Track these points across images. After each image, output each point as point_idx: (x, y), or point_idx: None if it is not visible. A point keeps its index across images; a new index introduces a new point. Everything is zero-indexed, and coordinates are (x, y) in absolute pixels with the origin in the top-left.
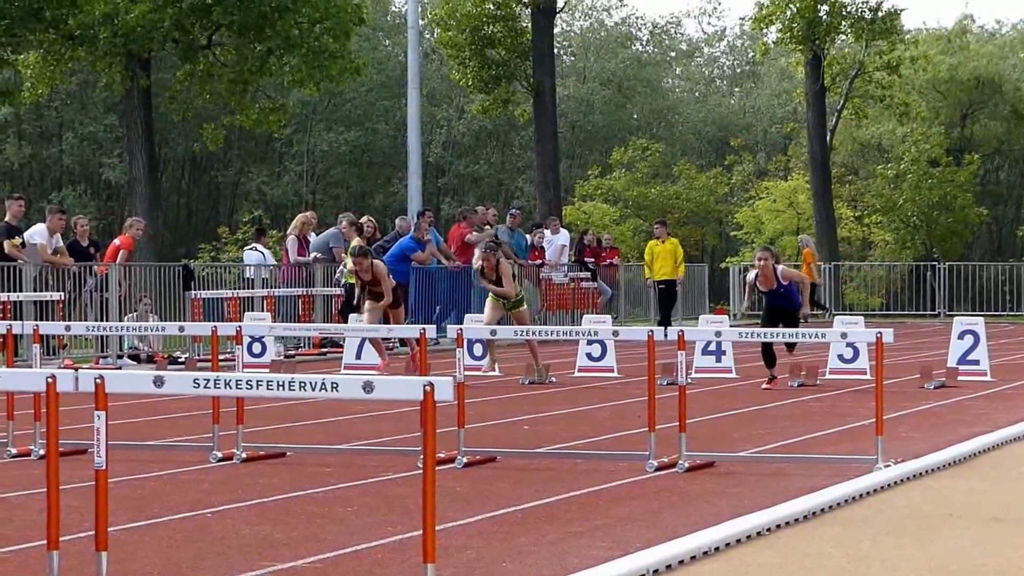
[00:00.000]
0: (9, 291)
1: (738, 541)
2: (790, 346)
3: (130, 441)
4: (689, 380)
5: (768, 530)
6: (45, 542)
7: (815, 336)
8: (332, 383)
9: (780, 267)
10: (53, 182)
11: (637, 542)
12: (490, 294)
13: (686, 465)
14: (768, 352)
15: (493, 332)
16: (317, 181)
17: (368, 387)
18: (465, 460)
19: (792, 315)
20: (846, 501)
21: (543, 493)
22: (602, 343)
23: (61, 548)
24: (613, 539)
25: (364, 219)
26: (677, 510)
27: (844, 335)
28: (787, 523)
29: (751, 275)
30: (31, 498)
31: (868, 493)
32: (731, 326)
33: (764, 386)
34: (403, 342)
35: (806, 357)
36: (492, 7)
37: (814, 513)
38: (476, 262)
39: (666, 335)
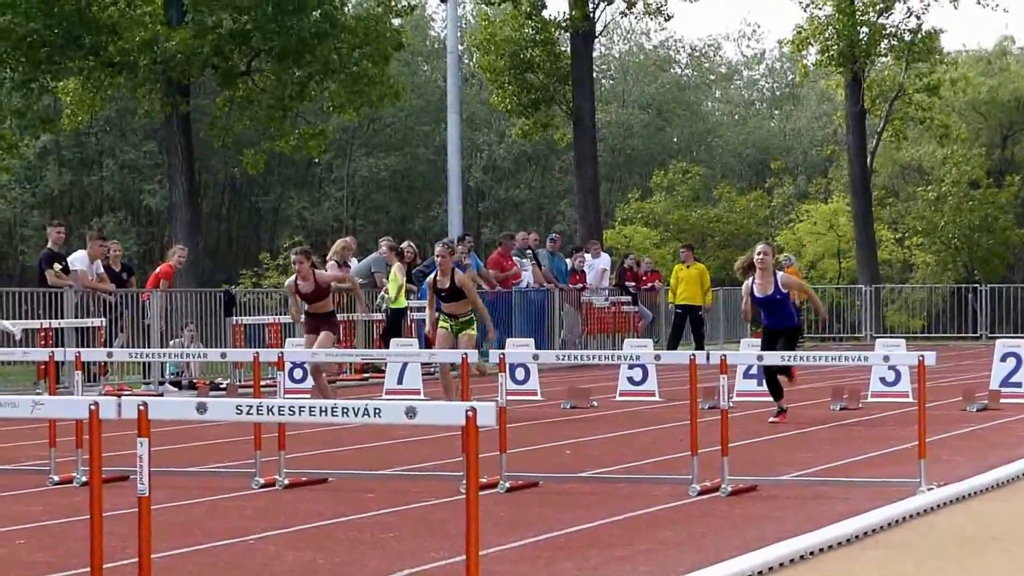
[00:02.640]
0: (51, 318)
1: (781, 565)
2: (786, 371)
3: (172, 468)
4: (731, 404)
5: (811, 554)
6: (88, 569)
7: (857, 359)
8: (375, 408)
9: (780, 273)
10: (94, 209)
11: (680, 567)
12: (440, 322)
13: (729, 489)
14: (773, 381)
15: (535, 356)
16: (357, 206)
17: (411, 412)
18: (508, 485)
19: (792, 336)
20: (889, 524)
21: (586, 517)
22: (643, 367)
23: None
24: (656, 563)
25: (404, 244)
26: (720, 534)
27: (886, 358)
28: (830, 546)
29: (748, 282)
30: (73, 525)
31: (911, 516)
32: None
33: (771, 419)
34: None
35: (848, 380)
36: (531, 31)
37: (857, 536)
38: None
39: (708, 359)
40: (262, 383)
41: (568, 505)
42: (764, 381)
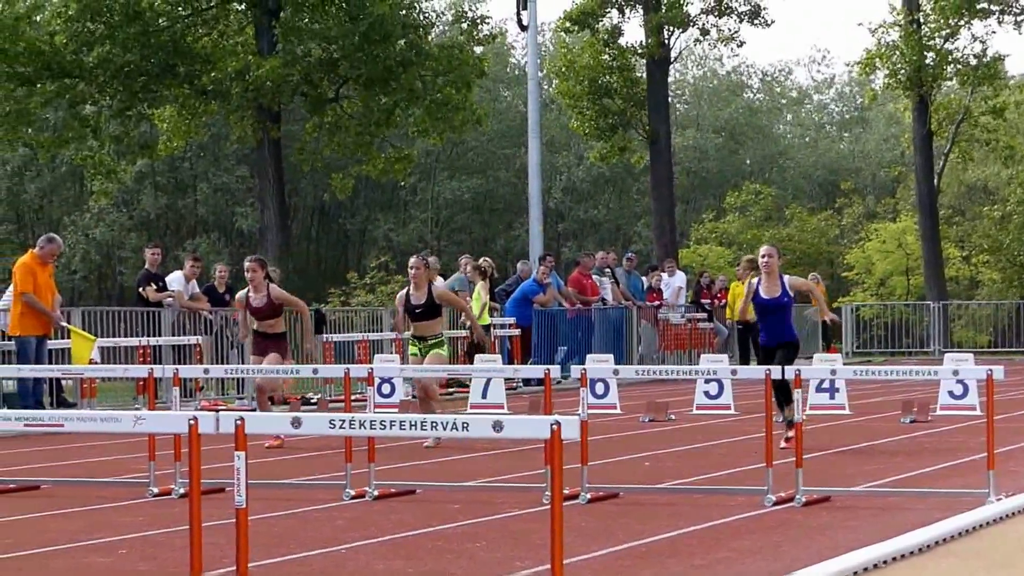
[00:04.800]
0: (149, 336)
1: (855, 574)
2: (785, 401)
3: (265, 480)
4: (804, 417)
5: (884, 562)
6: None
7: (927, 373)
8: (463, 423)
9: (787, 276)
10: (188, 231)
11: (758, 575)
12: (410, 347)
13: (803, 499)
14: (786, 392)
15: (615, 371)
16: (441, 227)
17: (498, 426)
18: (589, 496)
19: (790, 351)
20: (959, 534)
21: (665, 527)
22: (719, 382)
23: None
24: (735, 572)
25: (482, 260)
26: (796, 543)
27: (956, 372)
28: (902, 556)
29: (752, 281)
30: (173, 536)
31: (981, 526)
32: (844, 364)
33: (783, 445)
34: (530, 381)
35: (917, 394)
36: (609, 59)
37: (928, 546)
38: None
39: (783, 374)
40: (351, 397)
41: (648, 515)
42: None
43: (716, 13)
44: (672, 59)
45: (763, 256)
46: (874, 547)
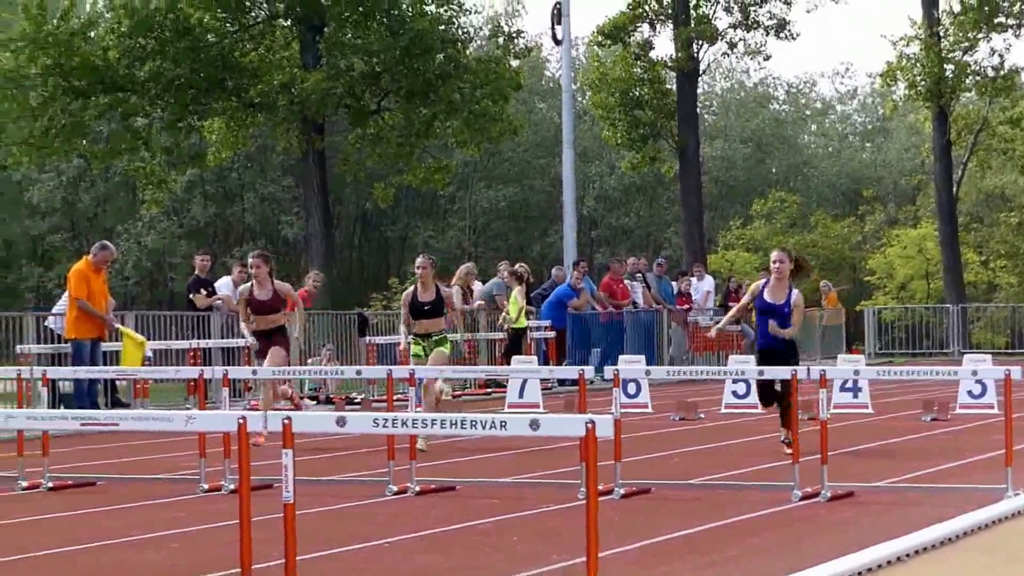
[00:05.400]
0: (199, 339)
1: (879, 566)
2: (781, 399)
3: (311, 477)
4: (829, 415)
5: (907, 555)
6: (239, 570)
7: (947, 374)
8: (501, 421)
9: (796, 291)
10: (236, 238)
11: (775, 570)
12: (413, 347)
13: (828, 495)
14: (769, 393)
15: (647, 372)
16: (478, 234)
17: (535, 425)
18: (622, 491)
19: (787, 357)
20: (978, 528)
21: (696, 522)
22: (747, 382)
23: None
24: (762, 563)
25: (519, 266)
26: (817, 538)
27: (975, 372)
28: (923, 549)
29: (758, 283)
30: (222, 530)
31: (998, 521)
32: (867, 365)
33: (787, 451)
34: (565, 381)
35: (937, 394)
36: (640, 71)
37: (948, 540)
38: (405, 294)
39: (808, 374)
40: (394, 398)
41: (678, 510)
42: (763, 401)
43: (744, 27)
44: (701, 72)
45: (775, 261)
46: (895, 541)
